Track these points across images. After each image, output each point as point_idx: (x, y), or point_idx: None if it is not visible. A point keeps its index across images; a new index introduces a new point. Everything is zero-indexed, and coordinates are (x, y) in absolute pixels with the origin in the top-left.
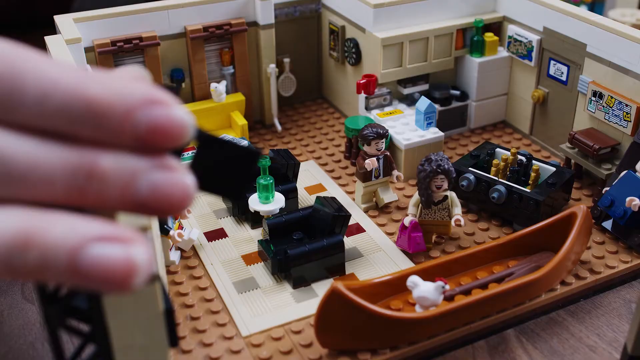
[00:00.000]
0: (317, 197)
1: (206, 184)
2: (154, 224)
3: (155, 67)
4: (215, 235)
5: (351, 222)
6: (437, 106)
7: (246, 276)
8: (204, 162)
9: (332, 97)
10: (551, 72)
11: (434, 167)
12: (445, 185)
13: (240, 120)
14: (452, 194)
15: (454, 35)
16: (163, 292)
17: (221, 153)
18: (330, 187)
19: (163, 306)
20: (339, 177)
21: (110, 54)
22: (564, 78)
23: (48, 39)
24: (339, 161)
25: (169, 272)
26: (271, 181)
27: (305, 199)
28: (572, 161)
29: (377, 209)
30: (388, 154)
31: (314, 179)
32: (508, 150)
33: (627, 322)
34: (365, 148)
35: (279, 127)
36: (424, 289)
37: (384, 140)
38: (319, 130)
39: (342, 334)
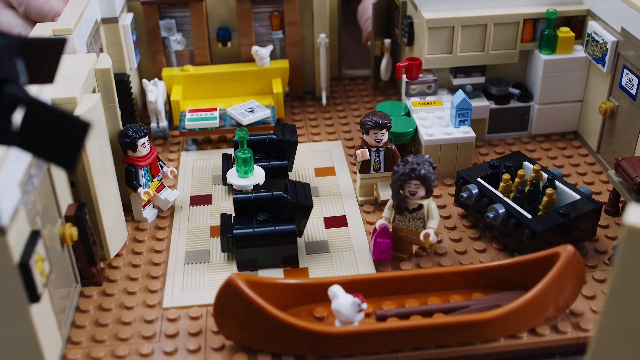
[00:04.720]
0: (288, 180)
1: (36, 149)
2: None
3: (201, 23)
4: (200, 200)
5: (338, 214)
6: (491, 103)
7: (203, 248)
8: (34, 127)
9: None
10: (623, 82)
11: (407, 171)
12: (422, 192)
13: (276, 88)
14: (430, 204)
15: (521, 25)
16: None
17: (51, 121)
18: (341, 173)
19: (18, 260)
20: None
21: (154, 5)
22: (633, 92)
23: None
24: None
25: (137, 229)
26: (249, 155)
27: (309, 180)
28: None
29: (375, 204)
30: (393, 147)
31: (329, 161)
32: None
33: None
34: (365, 137)
35: (324, 101)
36: (341, 302)
37: (384, 131)
38: (368, 110)
39: (241, 329)
